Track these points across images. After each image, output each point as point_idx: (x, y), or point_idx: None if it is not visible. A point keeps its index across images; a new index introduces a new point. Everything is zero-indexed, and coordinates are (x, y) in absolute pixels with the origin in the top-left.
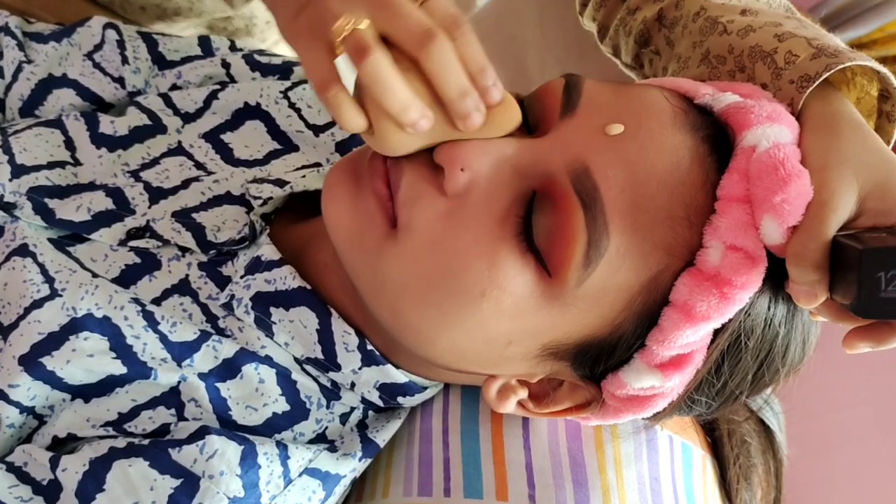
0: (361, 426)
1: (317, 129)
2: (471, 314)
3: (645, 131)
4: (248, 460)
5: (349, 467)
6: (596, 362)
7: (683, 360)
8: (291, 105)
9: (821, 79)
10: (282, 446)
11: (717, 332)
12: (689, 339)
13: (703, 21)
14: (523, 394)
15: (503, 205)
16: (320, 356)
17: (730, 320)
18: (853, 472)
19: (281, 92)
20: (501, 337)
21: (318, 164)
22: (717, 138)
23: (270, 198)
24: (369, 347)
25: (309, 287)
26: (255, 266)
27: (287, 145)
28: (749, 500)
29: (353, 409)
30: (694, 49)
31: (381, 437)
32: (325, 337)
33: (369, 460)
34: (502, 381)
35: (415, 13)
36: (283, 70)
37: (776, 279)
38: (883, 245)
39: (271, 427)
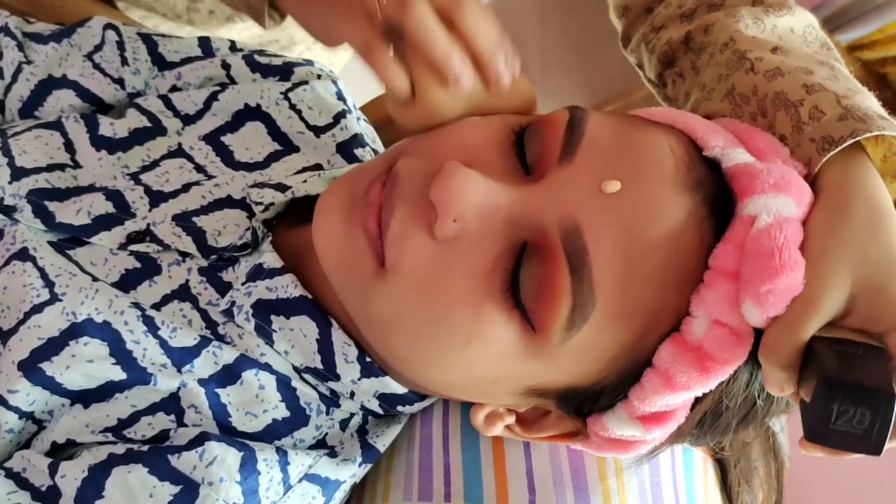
0: (361, 431)
1: (317, 131)
2: (456, 357)
3: (642, 190)
4: (248, 467)
5: (349, 473)
6: (580, 406)
7: (665, 417)
8: (292, 106)
9: (843, 145)
10: (281, 452)
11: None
12: (670, 402)
13: (731, 54)
14: (510, 419)
15: (492, 257)
16: (319, 366)
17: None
18: (854, 472)
19: (281, 93)
20: (487, 377)
21: (318, 166)
22: (719, 199)
23: (272, 203)
24: (368, 359)
25: (310, 296)
26: (257, 273)
27: (288, 146)
28: (750, 502)
29: (352, 415)
30: (719, 81)
31: (382, 443)
32: (325, 347)
33: (369, 465)
34: (490, 409)
35: None
36: (283, 71)
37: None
38: (842, 380)
39: (271, 433)
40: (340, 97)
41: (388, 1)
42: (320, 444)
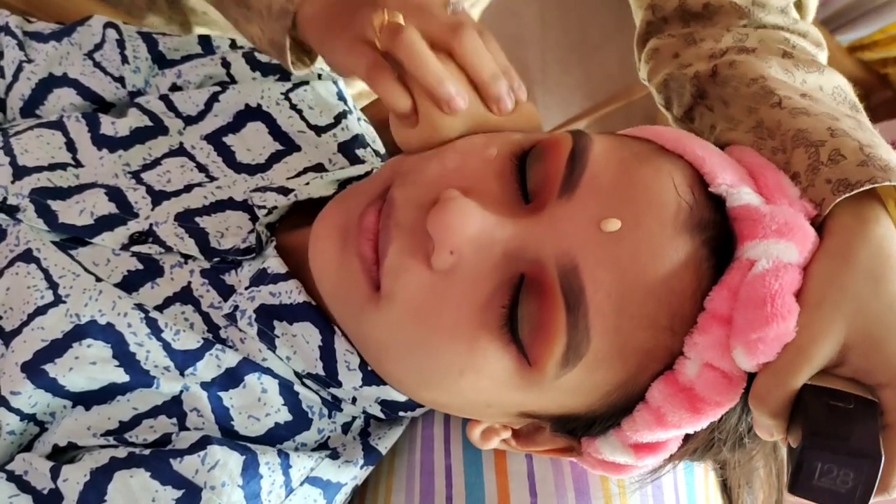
0: (363, 434)
1: (319, 130)
2: (449, 385)
3: (642, 230)
4: (250, 470)
5: (350, 475)
6: (574, 430)
7: (657, 447)
8: (293, 106)
9: (860, 189)
10: (283, 455)
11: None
12: (661, 437)
13: (759, 88)
14: (506, 434)
15: (488, 290)
16: (321, 373)
17: None
18: None
19: (282, 93)
20: (480, 402)
21: (320, 165)
22: (720, 240)
23: (275, 207)
24: (370, 368)
25: (314, 303)
26: (261, 278)
27: (289, 146)
28: (751, 503)
29: (354, 418)
30: (749, 115)
31: (384, 445)
32: (327, 354)
33: (371, 468)
34: (486, 425)
35: (445, 12)
36: (283, 69)
37: None
38: (828, 439)
39: (273, 437)
40: (341, 97)
41: (382, 32)
42: (322, 447)
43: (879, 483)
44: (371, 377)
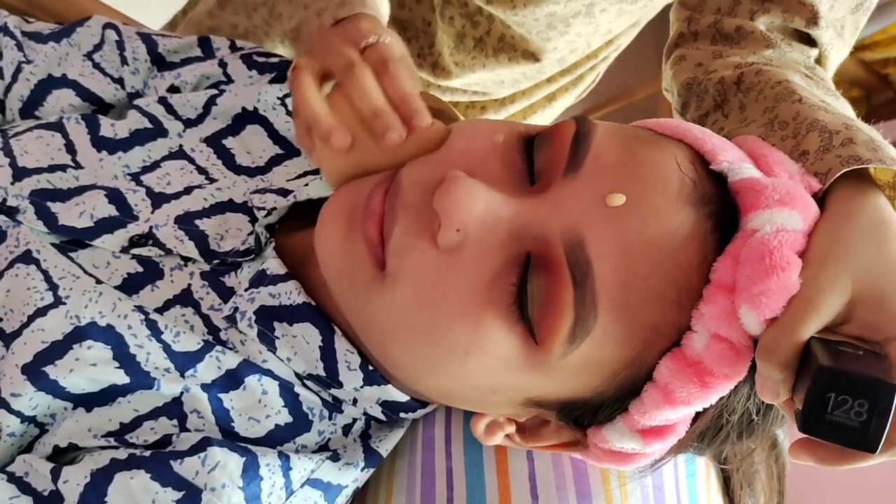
0: (364, 436)
1: None
2: (455, 367)
3: (647, 204)
4: (250, 472)
5: (351, 477)
6: (580, 418)
7: (665, 431)
8: (289, 112)
9: (870, 165)
10: (284, 457)
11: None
12: (669, 416)
13: (783, 88)
14: (510, 429)
15: (494, 268)
16: (322, 373)
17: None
18: (854, 477)
19: (278, 98)
20: (485, 387)
21: (319, 170)
22: (724, 214)
23: (274, 208)
24: (371, 367)
25: (314, 303)
26: (260, 279)
27: (289, 150)
28: None
29: (355, 420)
30: (763, 114)
31: (384, 447)
32: (328, 355)
33: (372, 470)
34: (490, 418)
35: (348, 53)
36: (279, 68)
37: None
38: (841, 368)
39: (273, 439)
40: None
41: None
42: (323, 449)
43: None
44: (372, 377)
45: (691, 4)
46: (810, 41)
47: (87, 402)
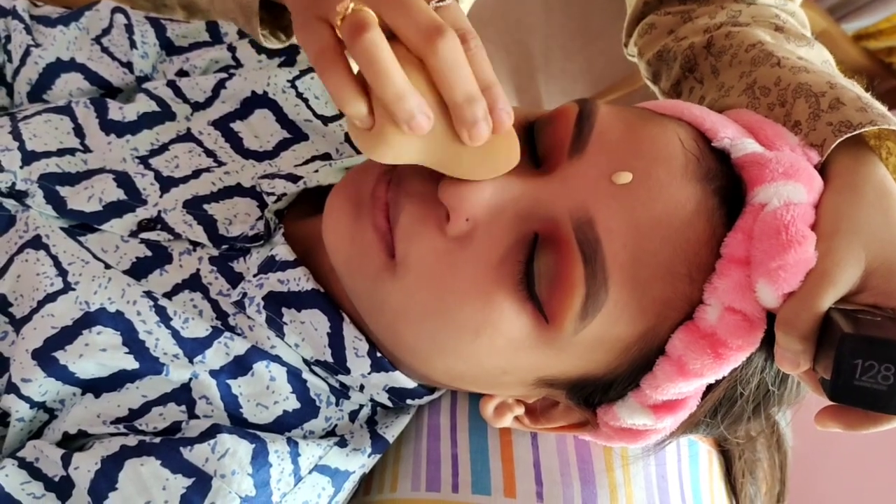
0: (371, 422)
1: (325, 119)
2: (465, 347)
3: (653, 181)
4: (259, 459)
5: (358, 463)
6: (591, 396)
7: (677, 405)
8: (299, 94)
9: (862, 129)
10: (292, 443)
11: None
12: (682, 389)
13: (758, 52)
14: (519, 411)
15: (502, 248)
16: (330, 359)
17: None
18: (856, 464)
19: (288, 81)
20: (496, 368)
21: (327, 155)
22: (729, 190)
23: (284, 194)
24: (378, 354)
25: (322, 290)
26: (269, 265)
27: (297, 134)
28: (754, 494)
29: (362, 406)
30: (740, 78)
31: (391, 433)
32: (336, 341)
33: (378, 456)
34: (499, 400)
35: (426, 9)
36: (287, 52)
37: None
38: (866, 334)
39: (281, 425)
40: None
41: (343, 22)
42: (330, 435)
43: None
44: (380, 363)
45: None
46: None
47: (96, 387)
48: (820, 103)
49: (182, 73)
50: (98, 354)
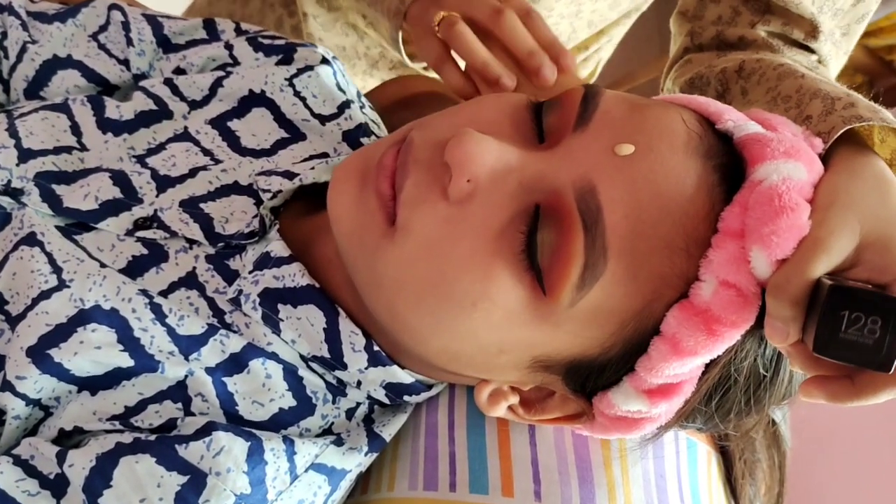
0: (367, 421)
1: (323, 119)
2: (462, 321)
3: (655, 154)
4: (255, 457)
5: (355, 462)
6: (586, 379)
7: (671, 390)
8: (297, 93)
9: (871, 123)
10: (288, 441)
11: (708, 365)
12: (676, 370)
13: (785, 70)
14: (514, 399)
15: (504, 219)
16: (326, 355)
17: (720, 355)
18: (854, 463)
19: (286, 79)
20: (492, 345)
21: (325, 154)
22: (730, 168)
23: (280, 191)
24: (376, 348)
25: (318, 285)
26: (264, 262)
27: (294, 134)
28: (753, 495)
29: (358, 404)
30: (767, 93)
31: (388, 432)
32: (332, 336)
33: (375, 455)
34: (494, 386)
35: (492, 1)
36: (285, 51)
37: None
38: (854, 290)
39: (277, 423)
40: (344, 86)
41: (440, 26)
42: (326, 433)
43: None
44: (377, 357)
45: (691, 14)
46: (809, 51)
47: (92, 385)
48: (835, 104)
49: (179, 71)
50: (93, 352)
